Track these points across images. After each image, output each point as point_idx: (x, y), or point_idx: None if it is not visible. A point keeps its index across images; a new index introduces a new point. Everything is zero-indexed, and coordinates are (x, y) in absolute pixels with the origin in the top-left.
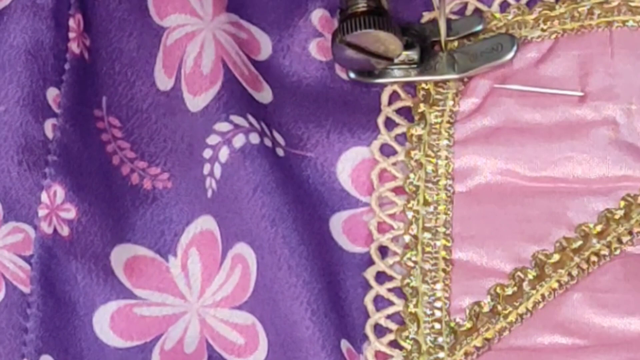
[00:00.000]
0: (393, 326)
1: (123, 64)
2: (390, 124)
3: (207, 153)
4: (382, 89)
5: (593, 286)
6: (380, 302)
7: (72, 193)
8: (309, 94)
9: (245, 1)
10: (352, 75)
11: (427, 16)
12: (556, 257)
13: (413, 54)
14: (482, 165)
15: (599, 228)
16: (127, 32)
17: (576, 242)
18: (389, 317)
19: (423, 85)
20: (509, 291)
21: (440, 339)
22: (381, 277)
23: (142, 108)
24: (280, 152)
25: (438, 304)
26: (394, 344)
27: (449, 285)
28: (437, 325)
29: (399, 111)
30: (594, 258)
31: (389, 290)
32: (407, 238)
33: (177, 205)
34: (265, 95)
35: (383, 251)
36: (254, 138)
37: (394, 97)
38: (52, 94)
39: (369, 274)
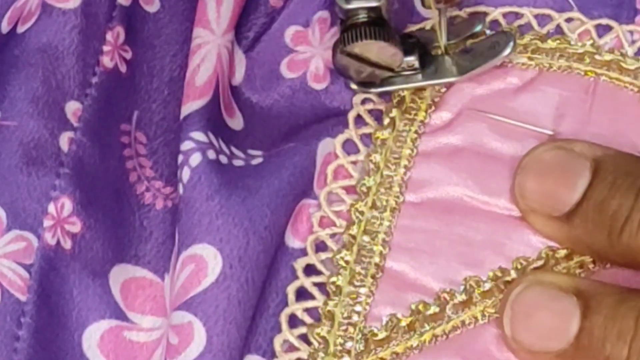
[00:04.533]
0: (308, 320)
1: (162, 81)
2: (359, 122)
3: (179, 159)
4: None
5: None
6: (303, 295)
7: (80, 207)
8: (280, 116)
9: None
10: (353, 86)
11: (429, 22)
12: (487, 286)
13: (413, 60)
14: (437, 180)
15: (537, 264)
16: (173, 50)
17: (510, 275)
18: (306, 310)
19: (400, 91)
20: (431, 310)
21: (349, 344)
22: (310, 270)
23: (172, 128)
24: (257, 160)
25: (358, 307)
26: (304, 339)
27: (374, 292)
28: (350, 329)
29: (371, 112)
30: None
31: (314, 284)
32: (345, 237)
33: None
34: (236, 122)
35: (320, 247)
36: (224, 159)
37: (368, 99)
38: (72, 107)
39: (299, 265)
